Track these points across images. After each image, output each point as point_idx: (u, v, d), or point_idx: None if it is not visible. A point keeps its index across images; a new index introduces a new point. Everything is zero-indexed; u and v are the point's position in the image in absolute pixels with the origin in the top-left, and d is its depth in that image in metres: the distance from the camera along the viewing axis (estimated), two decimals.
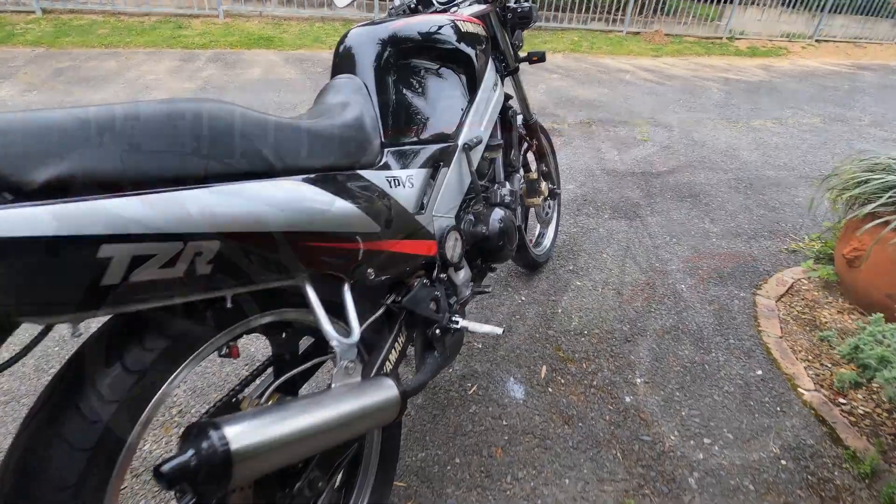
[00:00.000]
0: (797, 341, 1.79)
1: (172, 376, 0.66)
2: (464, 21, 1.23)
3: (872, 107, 5.64)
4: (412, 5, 1.46)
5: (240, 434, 0.60)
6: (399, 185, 0.94)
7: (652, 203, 2.83)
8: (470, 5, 1.44)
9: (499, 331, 1.08)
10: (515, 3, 1.48)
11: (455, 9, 1.42)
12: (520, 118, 1.74)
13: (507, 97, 1.53)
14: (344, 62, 1.02)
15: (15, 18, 6.21)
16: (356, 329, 0.81)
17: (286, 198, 0.66)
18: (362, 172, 0.85)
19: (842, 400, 1.54)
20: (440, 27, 1.15)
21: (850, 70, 8.25)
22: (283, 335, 0.86)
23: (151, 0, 6.88)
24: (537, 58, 1.60)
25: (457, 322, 1.10)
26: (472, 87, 1.24)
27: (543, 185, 1.87)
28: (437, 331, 1.07)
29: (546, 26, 8.42)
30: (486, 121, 1.28)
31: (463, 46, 1.19)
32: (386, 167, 0.93)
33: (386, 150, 0.95)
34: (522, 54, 1.62)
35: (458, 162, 1.14)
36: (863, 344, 1.25)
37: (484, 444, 1.34)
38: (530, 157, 1.90)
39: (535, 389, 1.52)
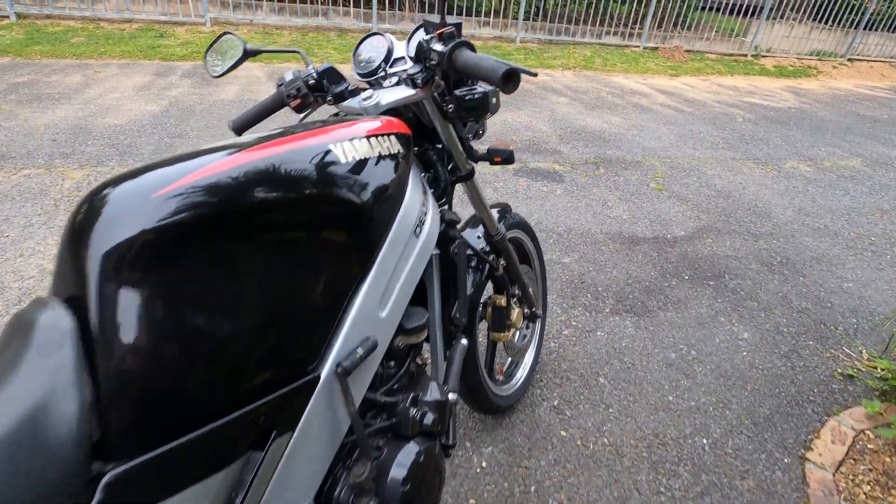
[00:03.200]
0: None
1: None
2: (362, 138, 0.71)
3: None
4: (311, 81, 0.95)
5: None
6: None
7: (665, 288, 2.29)
8: (395, 85, 0.93)
9: None
10: (466, 88, 0.95)
11: (371, 95, 0.91)
12: (479, 230, 1.23)
13: (451, 223, 1.02)
14: (65, 265, 0.51)
15: None
16: None
17: None
18: None
19: None
20: (306, 163, 0.63)
21: (888, 94, 7.58)
22: None
23: (133, 6, 6.45)
24: (501, 158, 1.08)
25: None
26: (370, 248, 0.72)
27: (516, 314, 1.36)
28: None
29: (557, 40, 7.85)
30: (395, 298, 0.77)
31: (349, 194, 0.67)
32: None
33: (110, 476, 0.44)
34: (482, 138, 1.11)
35: (320, 406, 0.63)
36: None
37: None
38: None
39: None
